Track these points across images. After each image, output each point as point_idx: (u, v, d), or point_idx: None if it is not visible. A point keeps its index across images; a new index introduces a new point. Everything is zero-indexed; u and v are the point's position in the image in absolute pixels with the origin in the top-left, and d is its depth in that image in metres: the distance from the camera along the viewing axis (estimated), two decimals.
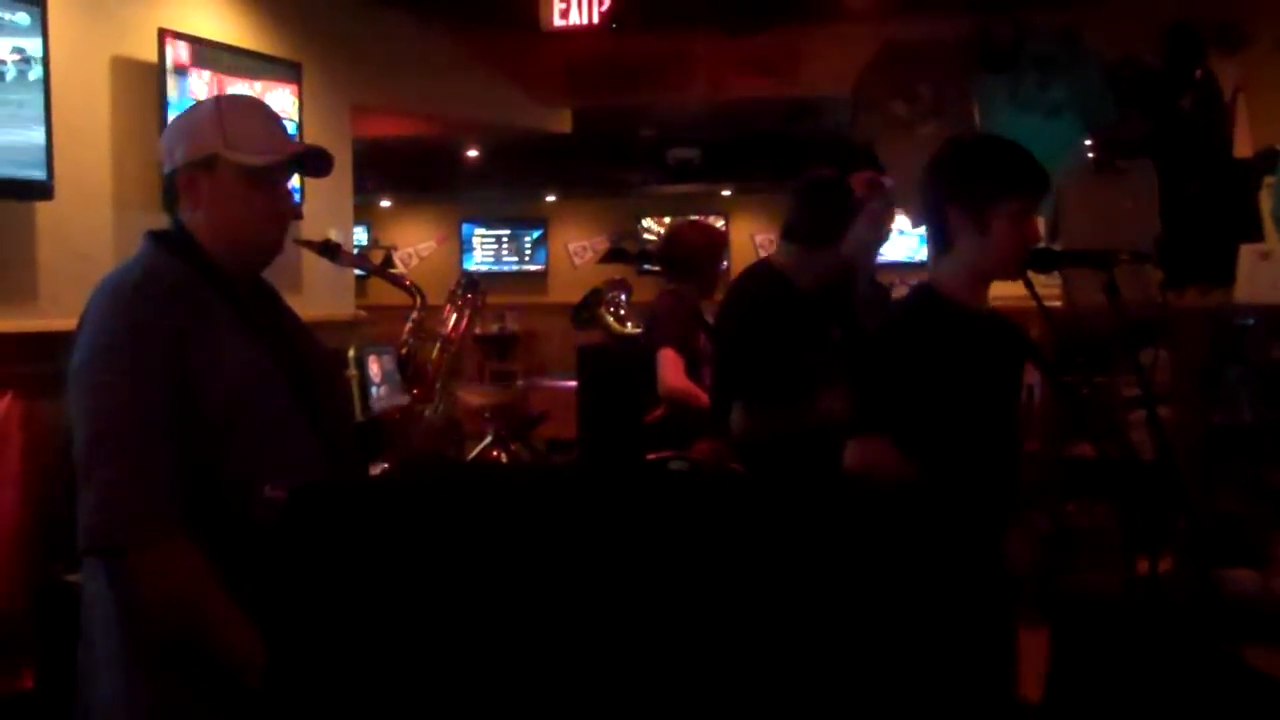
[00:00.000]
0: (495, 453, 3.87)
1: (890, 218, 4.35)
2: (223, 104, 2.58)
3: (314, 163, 2.59)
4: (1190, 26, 6.60)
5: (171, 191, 2.49)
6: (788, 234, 4.22)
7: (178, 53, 5.39)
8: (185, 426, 2.29)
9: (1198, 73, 6.56)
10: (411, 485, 1.87)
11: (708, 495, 1.76)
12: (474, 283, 2.94)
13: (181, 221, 2.48)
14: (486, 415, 4.49)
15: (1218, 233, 6.29)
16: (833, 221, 4.13)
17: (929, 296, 3.17)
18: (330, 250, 2.73)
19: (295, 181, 2.72)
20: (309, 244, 2.88)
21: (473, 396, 5.20)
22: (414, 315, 2.82)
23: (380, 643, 1.63)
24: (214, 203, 2.45)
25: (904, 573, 1.70)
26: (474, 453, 4.87)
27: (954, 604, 1.77)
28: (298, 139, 5.51)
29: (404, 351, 2.79)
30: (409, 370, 2.76)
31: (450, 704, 1.61)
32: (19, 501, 4.22)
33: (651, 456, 3.98)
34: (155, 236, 2.49)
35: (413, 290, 2.86)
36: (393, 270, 3.16)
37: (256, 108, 2.60)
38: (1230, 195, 6.32)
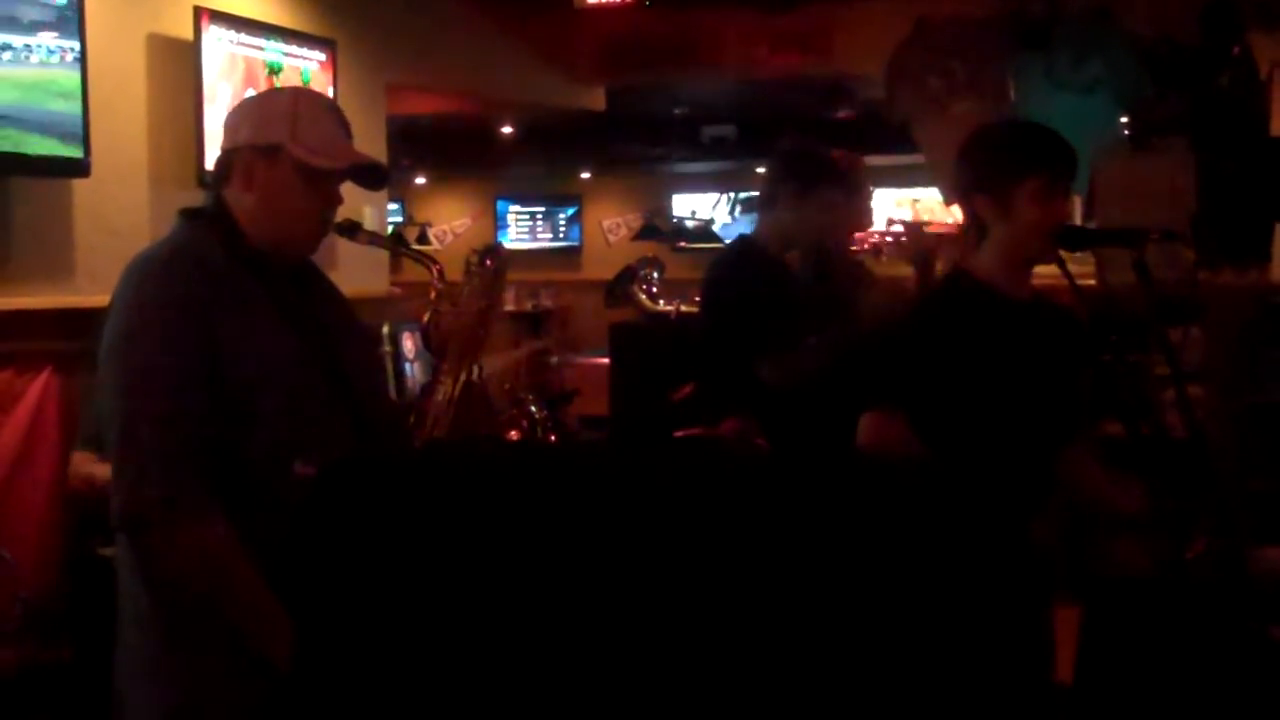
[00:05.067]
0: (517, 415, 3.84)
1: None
2: (299, 97, 2.62)
3: (369, 175, 2.60)
4: (1228, 3, 6.54)
5: (224, 168, 2.51)
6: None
7: (213, 30, 5.41)
8: (213, 403, 2.31)
9: (1235, 50, 6.50)
10: (441, 461, 1.89)
11: (737, 474, 1.77)
12: (492, 250, 2.94)
13: (222, 198, 2.50)
14: (507, 386, 4.46)
15: (1254, 211, 6.25)
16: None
17: (961, 280, 3.17)
18: (349, 229, 2.74)
19: None
20: None
21: (496, 360, 5.16)
22: (434, 288, 2.83)
23: (410, 619, 1.64)
24: (265, 190, 2.47)
25: (930, 553, 1.70)
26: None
27: (981, 584, 1.77)
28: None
29: (425, 320, 2.80)
30: (432, 343, 2.77)
31: (480, 683, 1.62)
32: (56, 476, 4.26)
33: (679, 434, 3.98)
34: (189, 214, 2.51)
35: (430, 263, 2.88)
36: (418, 246, 3.16)
37: (330, 110, 2.60)
38: (1267, 173, 6.28)
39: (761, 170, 4.58)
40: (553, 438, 3.94)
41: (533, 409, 3.88)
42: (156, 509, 2.28)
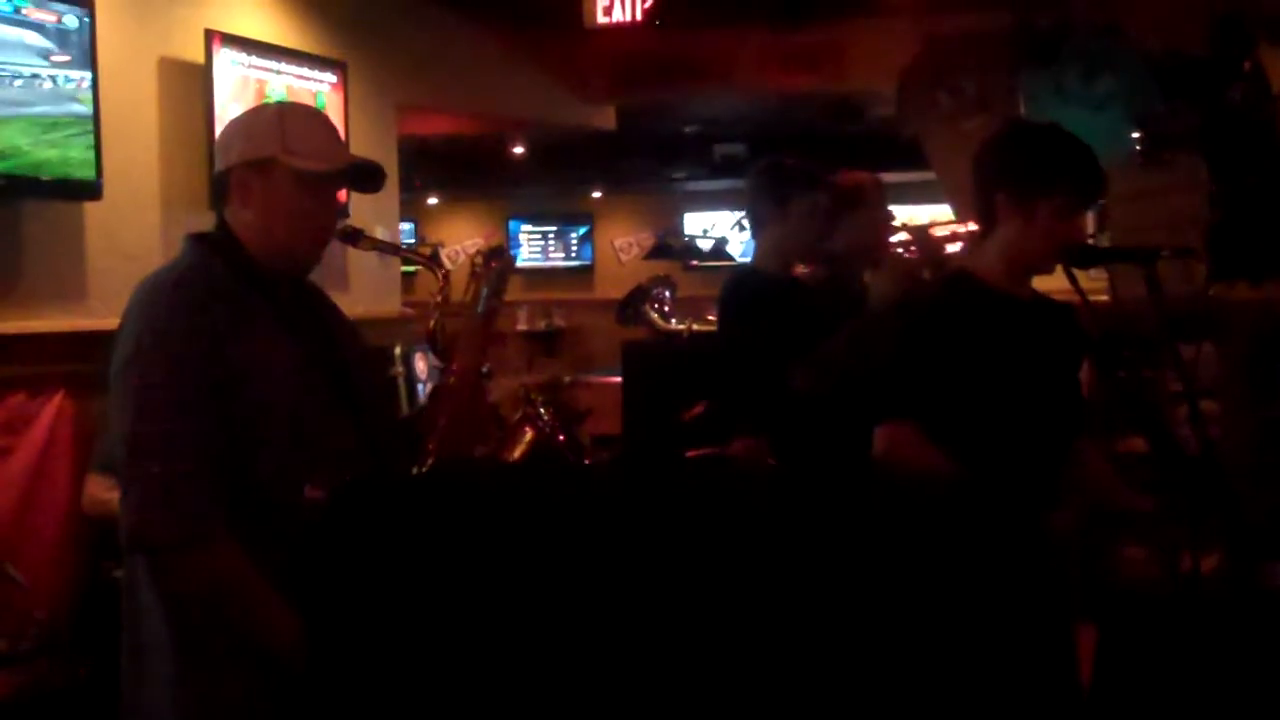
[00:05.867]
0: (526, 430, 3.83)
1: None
2: (285, 110, 2.65)
3: (366, 177, 2.62)
4: (1238, 18, 6.53)
5: (222, 188, 2.53)
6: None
7: (224, 53, 5.44)
8: (223, 424, 2.32)
9: (1246, 64, 6.49)
10: (448, 483, 1.89)
11: (751, 493, 1.77)
12: (496, 252, 2.94)
13: (226, 220, 2.52)
14: (532, 395, 4.44)
15: (1268, 225, 6.23)
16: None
17: (963, 280, 3.15)
18: (351, 235, 2.76)
19: None
20: None
21: (511, 381, 5.15)
22: (438, 293, 2.84)
23: (420, 635, 1.65)
24: (263, 204, 2.48)
25: (945, 567, 1.70)
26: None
27: (1002, 593, 1.76)
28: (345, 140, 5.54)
29: (431, 325, 2.81)
30: (439, 347, 2.79)
31: (491, 699, 1.63)
32: (69, 498, 4.27)
33: (691, 453, 3.98)
34: (196, 238, 2.52)
35: (434, 267, 2.90)
36: (432, 259, 3.17)
37: (317, 118, 2.64)
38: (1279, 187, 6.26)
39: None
40: (561, 437, 3.93)
41: (541, 411, 3.88)
42: (168, 528, 2.28)
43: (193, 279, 2.41)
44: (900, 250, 4.40)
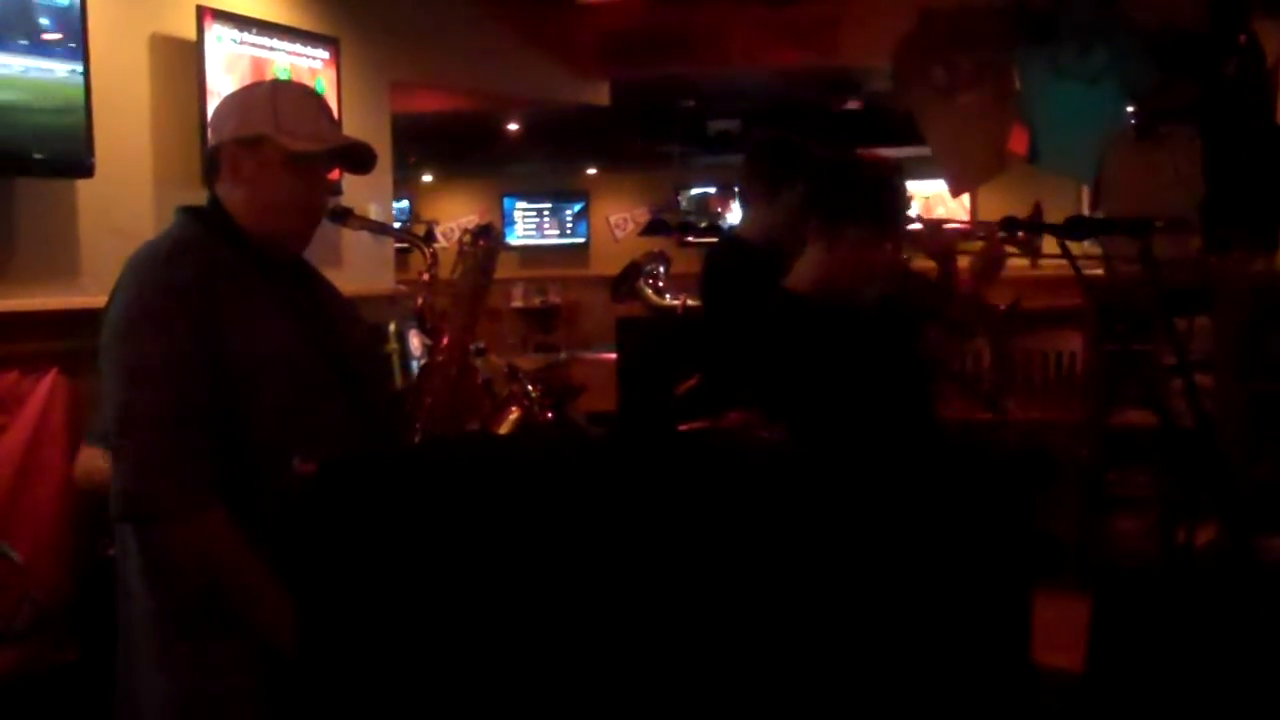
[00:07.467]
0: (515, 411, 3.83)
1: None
2: (278, 87, 2.67)
3: (358, 158, 2.62)
4: None
5: (213, 164, 2.53)
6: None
7: (216, 30, 5.41)
8: (215, 392, 2.32)
9: (1241, 38, 6.48)
10: (440, 459, 1.88)
11: (733, 467, 1.76)
12: (484, 230, 2.95)
13: (217, 196, 2.52)
14: (505, 366, 4.44)
15: (1262, 198, 6.23)
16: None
17: (780, 299, 3.27)
18: (340, 215, 2.76)
19: None
20: None
21: (502, 360, 5.14)
22: (426, 271, 2.85)
23: (411, 611, 1.64)
24: (254, 182, 2.49)
25: (925, 540, 1.70)
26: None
27: (964, 565, 1.77)
28: (338, 119, 5.52)
29: (419, 303, 2.82)
30: (427, 325, 2.79)
31: (481, 676, 1.62)
32: (64, 477, 4.26)
33: (683, 427, 3.98)
34: (187, 211, 2.52)
35: (422, 245, 2.90)
36: (425, 238, 3.17)
37: (310, 96, 2.64)
38: (1274, 161, 6.25)
39: None
40: (549, 415, 3.93)
41: (529, 386, 3.87)
42: (160, 499, 2.28)
43: (186, 249, 2.41)
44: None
